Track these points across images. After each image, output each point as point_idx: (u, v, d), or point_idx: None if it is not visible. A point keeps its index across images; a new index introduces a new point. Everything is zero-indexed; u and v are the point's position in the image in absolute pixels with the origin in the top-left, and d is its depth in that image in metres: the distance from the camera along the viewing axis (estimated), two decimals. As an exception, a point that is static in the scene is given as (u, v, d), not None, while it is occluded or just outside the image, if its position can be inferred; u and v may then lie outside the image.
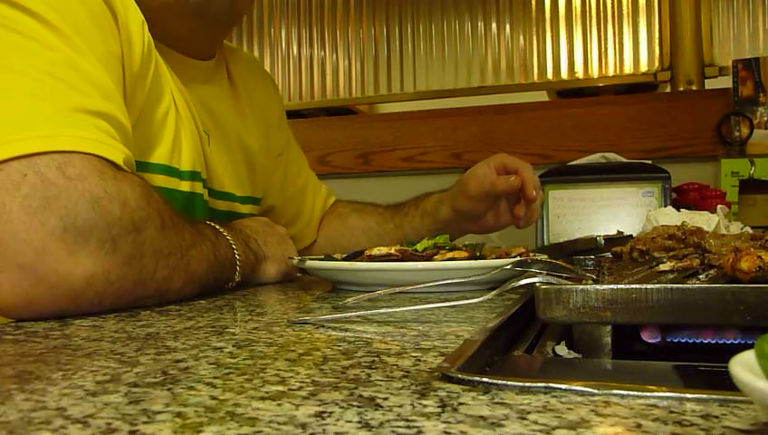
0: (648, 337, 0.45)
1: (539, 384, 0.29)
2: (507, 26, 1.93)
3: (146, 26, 0.72)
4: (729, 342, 0.44)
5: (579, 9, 1.87)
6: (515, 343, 0.47)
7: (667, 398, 0.27)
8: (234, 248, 0.74)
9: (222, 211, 0.92)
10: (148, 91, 0.73)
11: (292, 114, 2.12)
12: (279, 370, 0.33)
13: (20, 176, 0.53)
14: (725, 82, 1.65)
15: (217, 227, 0.74)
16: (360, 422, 0.25)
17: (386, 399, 0.28)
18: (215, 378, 0.32)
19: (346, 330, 0.46)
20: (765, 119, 1.57)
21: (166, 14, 0.81)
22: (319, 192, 1.22)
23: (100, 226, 0.55)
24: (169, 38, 0.83)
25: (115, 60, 0.66)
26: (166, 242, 0.61)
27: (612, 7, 1.85)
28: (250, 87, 1.05)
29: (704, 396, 0.27)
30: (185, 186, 0.80)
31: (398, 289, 0.61)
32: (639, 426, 0.24)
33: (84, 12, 0.63)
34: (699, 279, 0.49)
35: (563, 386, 0.29)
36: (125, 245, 0.56)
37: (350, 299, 0.58)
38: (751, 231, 0.82)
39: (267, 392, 0.29)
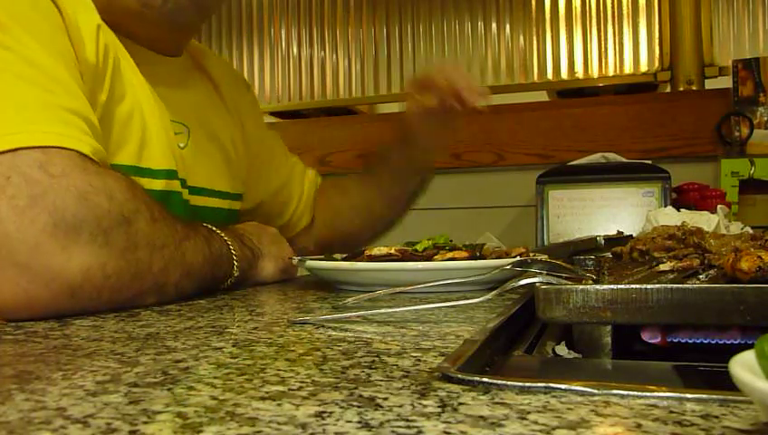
0: (648, 337, 0.45)
1: (539, 384, 0.29)
2: (507, 26, 1.93)
3: (102, 30, 0.72)
4: (729, 342, 0.44)
5: (579, 9, 1.87)
6: (515, 343, 0.47)
7: (667, 398, 0.27)
8: (229, 244, 0.74)
9: (202, 207, 0.91)
10: (109, 92, 0.72)
11: (292, 114, 2.12)
12: (279, 370, 0.33)
13: (3, 179, 0.53)
14: (725, 82, 1.65)
15: (209, 226, 0.74)
16: (359, 422, 0.25)
17: (386, 399, 0.28)
18: (215, 378, 0.32)
19: (346, 330, 0.46)
20: (765, 119, 1.57)
21: (129, 19, 0.80)
22: (306, 175, 1.21)
23: (90, 219, 0.55)
24: (136, 37, 0.83)
25: (70, 57, 0.66)
26: (158, 234, 0.61)
27: (612, 7, 1.85)
28: (222, 84, 1.05)
29: (704, 396, 0.27)
30: (158, 184, 0.79)
31: (398, 289, 0.61)
32: (639, 426, 0.24)
33: (35, 13, 0.64)
34: (699, 279, 0.49)
35: (563, 386, 0.29)
36: (117, 237, 0.57)
37: (350, 299, 0.58)
38: (751, 231, 0.82)
39: (267, 392, 0.29)
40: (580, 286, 0.43)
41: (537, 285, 0.45)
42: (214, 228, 0.74)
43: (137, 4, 0.79)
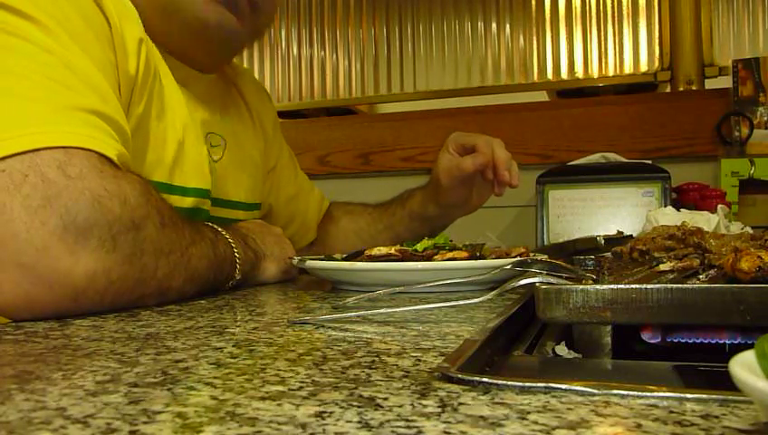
0: (648, 337, 0.45)
1: (539, 384, 0.29)
2: (507, 26, 1.93)
3: (145, 43, 0.73)
4: (729, 342, 0.44)
5: (579, 9, 1.87)
6: (515, 343, 0.47)
7: (667, 398, 0.27)
8: (233, 247, 0.74)
9: (225, 219, 0.92)
10: (146, 106, 0.73)
11: (293, 114, 2.12)
12: (279, 370, 0.33)
13: (21, 176, 0.53)
14: (725, 82, 1.65)
15: (215, 226, 0.74)
16: (359, 422, 0.25)
17: (386, 399, 0.28)
18: (215, 378, 0.32)
19: (346, 330, 0.46)
20: (765, 119, 1.57)
21: (190, 41, 0.83)
22: (312, 195, 1.23)
23: (101, 224, 0.55)
24: (177, 54, 0.84)
25: (110, 66, 0.67)
26: (166, 240, 0.62)
27: (612, 7, 1.85)
28: (249, 97, 1.07)
29: (704, 396, 0.27)
30: (188, 202, 0.80)
31: (398, 289, 0.61)
32: (639, 426, 0.24)
33: (80, 18, 0.64)
34: (699, 279, 0.49)
35: (563, 386, 0.29)
36: (125, 243, 0.57)
37: (350, 299, 0.58)
38: (751, 231, 0.82)
39: (267, 392, 0.29)
40: (580, 286, 0.43)
41: (537, 285, 0.45)
42: (219, 229, 0.74)
43: (214, 17, 0.81)
